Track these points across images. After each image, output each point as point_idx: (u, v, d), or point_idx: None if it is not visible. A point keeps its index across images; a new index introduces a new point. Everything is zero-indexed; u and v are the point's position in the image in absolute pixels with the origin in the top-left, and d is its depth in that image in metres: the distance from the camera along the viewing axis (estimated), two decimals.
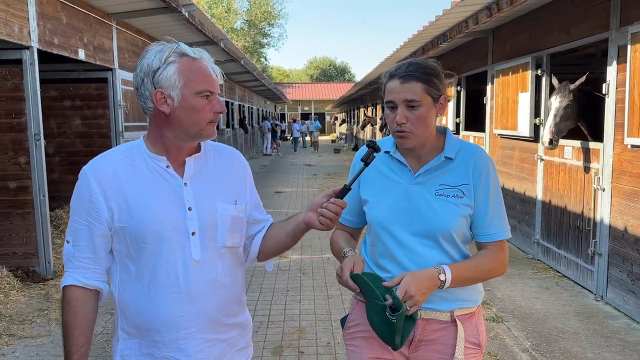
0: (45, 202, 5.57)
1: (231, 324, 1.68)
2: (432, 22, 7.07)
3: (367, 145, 1.70)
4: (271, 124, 26.28)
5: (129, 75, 7.83)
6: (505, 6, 5.26)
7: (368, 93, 22.15)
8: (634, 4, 4.36)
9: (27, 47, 5.34)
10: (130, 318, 1.62)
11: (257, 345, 3.97)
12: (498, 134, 7.37)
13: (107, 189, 1.56)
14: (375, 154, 1.67)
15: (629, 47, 4.29)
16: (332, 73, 66.23)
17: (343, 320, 1.93)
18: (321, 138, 35.69)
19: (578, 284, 5.31)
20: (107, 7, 7.08)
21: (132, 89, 7.89)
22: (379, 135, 17.58)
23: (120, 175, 1.58)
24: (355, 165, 1.84)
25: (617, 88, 4.61)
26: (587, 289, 5.13)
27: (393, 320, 1.59)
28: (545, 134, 5.05)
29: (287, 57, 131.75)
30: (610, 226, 4.74)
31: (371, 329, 1.70)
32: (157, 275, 1.57)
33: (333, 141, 37.18)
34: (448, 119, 9.67)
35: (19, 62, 5.43)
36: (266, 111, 34.06)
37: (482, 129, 8.15)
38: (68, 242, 1.62)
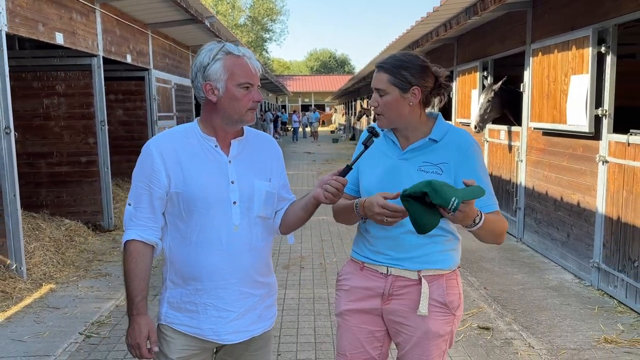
0: (108, 173, 7.38)
1: (262, 282, 1.93)
2: (404, 33, 8.88)
3: (368, 131, 1.91)
4: (273, 115, 28.05)
5: (161, 74, 9.62)
6: (454, 24, 7.07)
7: (364, 86, 23.77)
8: (538, 28, 6.14)
9: (95, 55, 7.12)
10: (178, 269, 1.86)
11: None
12: (460, 122, 9.17)
13: (167, 160, 1.81)
14: (374, 138, 1.88)
15: (530, 59, 6.08)
16: (332, 65, 67.40)
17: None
18: (320, 129, 37.31)
19: (508, 232, 7.12)
20: (145, 19, 8.85)
21: (163, 85, 9.69)
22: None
23: (177, 150, 1.82)
24: (359, 147, 1.99)
25: (529, 87, 6.40)
26: (513, 235, 6.95)
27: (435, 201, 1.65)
28: (472, 122, 6.87)
29: (287, 48, 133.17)
30: (525, 187, 6.55)
31: (353, 285, 2.02)
32: (204, 234, 1.82)
33: (332, 132, 38.77)
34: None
35: (86, 66, 7.21)
36: (269, 103, 35.74)
37: (450, 118, 9.94)
38: (130, 205, 1.85)
